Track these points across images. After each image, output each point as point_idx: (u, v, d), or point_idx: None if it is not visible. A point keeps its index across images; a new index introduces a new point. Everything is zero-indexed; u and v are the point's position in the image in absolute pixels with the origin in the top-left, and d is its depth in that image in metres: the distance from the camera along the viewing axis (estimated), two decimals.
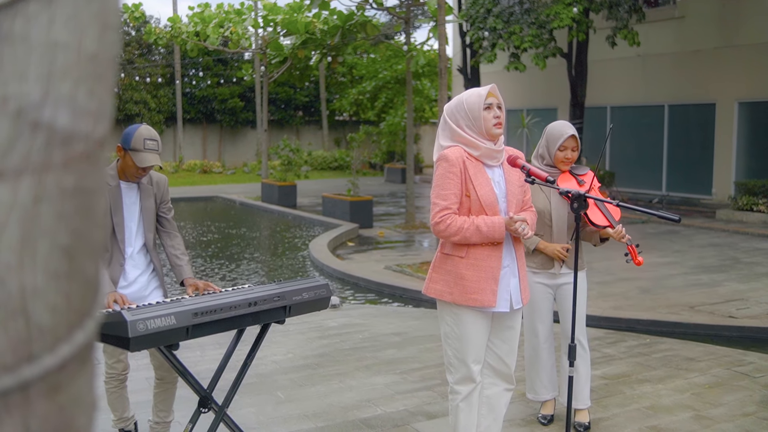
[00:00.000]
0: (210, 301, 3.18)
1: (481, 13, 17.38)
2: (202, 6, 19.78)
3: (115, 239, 3.67)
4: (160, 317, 2.97)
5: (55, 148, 0.67)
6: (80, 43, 0.68)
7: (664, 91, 17.82)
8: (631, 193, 17.83)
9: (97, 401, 0.81)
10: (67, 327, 0.70)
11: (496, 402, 3.56)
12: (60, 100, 0.67)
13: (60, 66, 0.67)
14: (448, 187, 3.27)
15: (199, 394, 3.45)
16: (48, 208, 0.67)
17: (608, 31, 16.53)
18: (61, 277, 0.69)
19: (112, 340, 2.95)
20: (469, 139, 3.31)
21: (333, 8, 17.09)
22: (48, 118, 0.67)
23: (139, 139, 3.54)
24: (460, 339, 3.36)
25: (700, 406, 4.55)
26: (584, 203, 3.14)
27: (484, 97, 3.33)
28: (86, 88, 0.69)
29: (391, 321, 6.76)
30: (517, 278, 3.38)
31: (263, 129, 21.15)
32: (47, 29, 0.66)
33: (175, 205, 17.64)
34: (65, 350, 0.70)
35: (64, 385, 0.71)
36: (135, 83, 30.37)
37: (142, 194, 3.74)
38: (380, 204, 17.89)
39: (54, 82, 0.67)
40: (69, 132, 0.68)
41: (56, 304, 0.69)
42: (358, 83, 30.52)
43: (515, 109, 22.22)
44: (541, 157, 4.21)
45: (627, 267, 9.59)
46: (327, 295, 3.68)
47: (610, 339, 6.15)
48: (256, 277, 9.93)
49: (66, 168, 0.68)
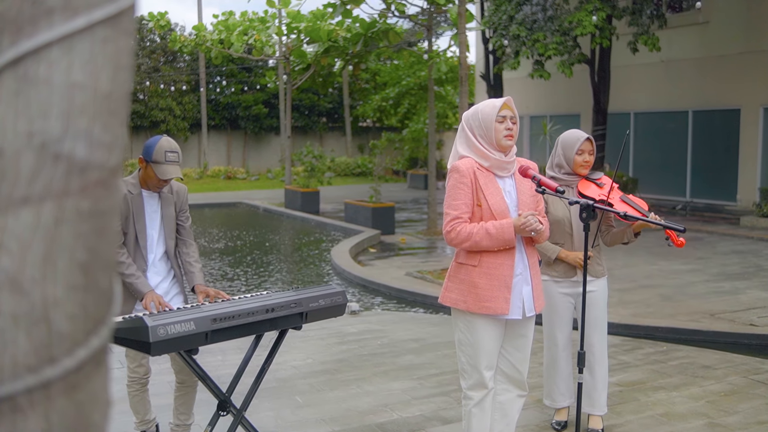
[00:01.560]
0: (228, 308, 3.28)
1: (504, 20, 17.41)
2: (226, 14, 20.03)
3: (137, 246, 3.78)
4: (180, 323, 3.07)
5: (73, 177, 0.77)
6: (96, 83, 0.78)
7: (688, 96, 17.73)
8: (654, 200, 17.75)
9: (112, 400, 0.90)
10: (84, 333, 0.79)
11: (509, 408, 3.62)
12: (78, 134, 0.77)
13: (78, 104, 0.77)
14: (458, 197, 3.35)
15: (218, 398, 3.55)
16: (67, 228, 0.77)
17: (630, 37, 16.49)
18: (79, 289, 0.78)
19: (134, 345, 3.06)
20: (480, 149, 3.39)
21: (356, 16, 17.23)
22: (67, 151, 0.76)
23: (160, 152, 3.64)
24: (473, 346, 3.43)
25: (715, 413, 4.57)
26: (593, 213, 3.20)
27: (498, 109, 3.39)
28: (101, 122, 0.79)
29: (410, 327, 6.84)
30: (530, 286, 3.44)
31: (287, 135, 21.34)
32: (67, 72, 0.76)
33: (200, 211, 17.76)
34: (82, 354, 0.79)
35: (82, 384, 0.80)
36: (160, 90, 30.77)
37: (163, 203, 3.85)
38: (402, 210, 17.97)
39: (73, 118, 0.77)
40: (86, 162, 0.77)
41: (74, 313, 0.78)
42: (382, 89, 30.66)
43: (538, 115, 22.21)
44: (558, 166, 4.24)
45: (649, 274, 9.59)
46: (343, 302, 3.77)
47: (627, 346, 6.17)
48: (278, 282, 10.05)
49: (83, 193, 0.78)
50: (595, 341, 4.24)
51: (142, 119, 30.05)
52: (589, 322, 4.22)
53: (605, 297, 4.27)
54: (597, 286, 4.22)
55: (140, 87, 30.30)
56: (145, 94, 30.53)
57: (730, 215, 15.66)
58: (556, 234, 4.21)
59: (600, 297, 4.23)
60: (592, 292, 4.20)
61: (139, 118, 30.03)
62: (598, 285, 4.23)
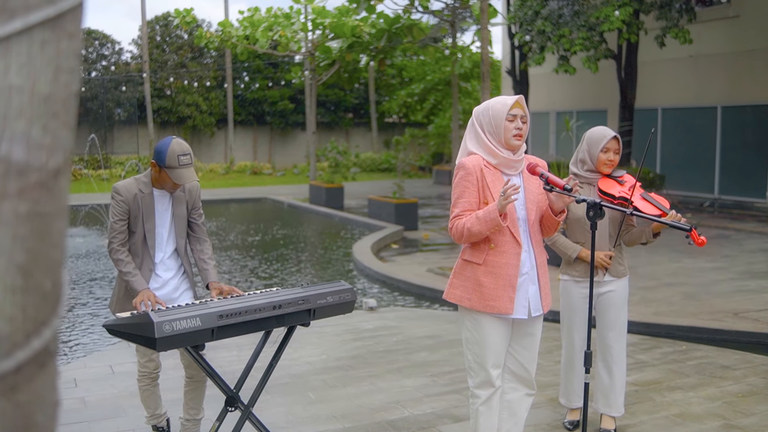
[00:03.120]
0: (235, 304, 3.29)
1: (529, 16, 17.27)
2: (251, 10, 20.12)
3: (145, 245, 3.80)
4: (185, 319, 3.09)
5: (10, 179, 0.77)
6: (34, 86, 0.78)
7: (717, 92, 17.46)
8: (681, 196, 17.52)
9: (59, 401, 0.90)
10: (23, 335, 0.79)
11: (517, 406, 3.60)
12: (15, 136, 0.77)
13: (15, 107, 0.77)
14: (462, 195, 3.34)
15: (226, 394, 3.57)
16: (4, 231, 0.77)
17: (658, 31, 16.27)
18: (17, 291, 0.78)
19: (140, 340, 3.09)
20: (489, 146, 3.36)
21: (380, 11, 17.22)
22: (4, 153, 0.76)
23: (173, 157, 3.64)
24: (479, 344, 3.41)
25: (731, 415, 4.50)
26: (600, 212, 3.16)
27: (509, 107, 3.36)
28: (40, 125, 0.79)
29: (426, 324, 6.83)
30: (536, 285, 3.41)
31: (311, 131, 21.40)
32: (3, 75, 0.76)
33: (225, 206, 17.85)
34: (21, 355, 0.79)
35: (21, 386, 0.80)
36: (187, 86, 31.01)
37: (174, 202, 3.87)
38: (427, 206, 17.93)
39: (9, 121, 0.77)
40: (24, 164, 0.77)
41: (13, 314, 0.78)
42: (408, 85, 30.63)
43: (564, 111, 22.03)
44: (581, 162, 4.19)
45: (672, 272, 9.47)
46: (352, 299, 3.77)
47: (645, 345, 6.10)
48: (299, 277, 10.09)
49: (21, 196, 0.78)
50: (613, 342, 4.18)
51: (169, 115, 30.32)
52: (608, 323, 4.17)
53: (625, 297, 4.20)
54: (617, 285, 4.16)
55: (167, 83, 30.57)
56: (172, 90, 30.79)
57: (759, 213, 15.41)
58: (576, 233, 4.15)
59: (619, 297, 4.17)
60: (612, 291, 4.15)
61: (166, 113, 30.30)
62: (618, 285, 4.17)
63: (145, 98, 28.51)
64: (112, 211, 3.74)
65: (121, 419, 4.47)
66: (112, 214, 3.73)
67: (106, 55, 30.70)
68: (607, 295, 4.16)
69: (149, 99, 28.41)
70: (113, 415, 4.54)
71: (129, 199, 3.72)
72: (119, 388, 5.05)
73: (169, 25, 31.24)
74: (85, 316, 7.69)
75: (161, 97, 30.44)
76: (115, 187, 3.75)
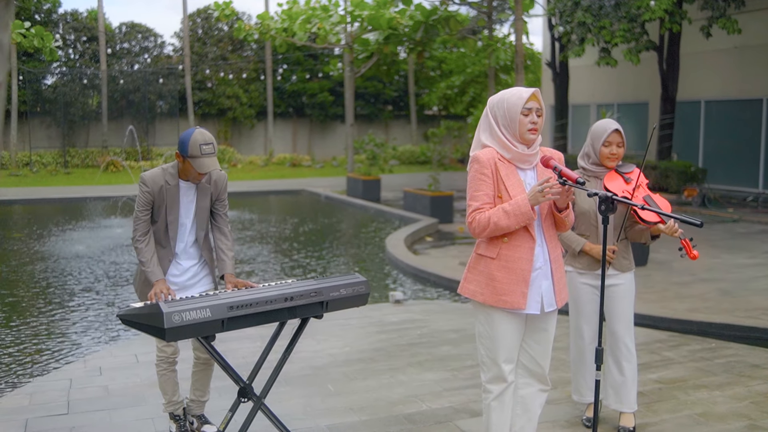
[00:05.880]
0: (245, 295, 3.31)
1: (569, 6, 17.03)
2: (290, 2, 20.21)
3: (167, 235, 3.86)
4: (195, 309, 3.12)
5: None
6: None
7: (763, 84, 17.02)
8: (724, 191, 17.15)
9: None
10: None
11: (531, 402, 3.55)
12: None
13: None
14: (479, 188, 3.29)
15: (239, 385, 3.60)
16: None
17: (702, 21, 15.91)
18: None
19: (149, 330, 3.12)
20: (503, 140, 3.31)
21: (417, 3, 17.15)
22: None
23: (195, 146, 3.69)
24: (491, 339, 3.38)
25: (757, 415, 4.39)
26: (612, 206, 3.10)
27: (525, 100, 3.29)
28: None
29: (452, 317, 6.79)
30: (550, 280, 3.36)
31: (349, 123, 21.43)
32: None
33: (264, 198, 18.02)
34: None
35: None
36: (227, 79, 31.29)
37: (199, 194, 3.92)
38: (462, 199, 17.82)
39: None
40: None
41: None
42: (448, 77, 30.49)
43: (605, 103, 21.70)
44: (587, 155, 4.18)
45: (710, 267, 9.27)
46: (365, 292, 3.76)
47: (673, 342, 5.98)
48: (331, 269, 10.12)
49: None
50: (622, 337, 4.13)
51: (209, 107, 30.62)
52: (616, 317, 4.13)
53: (632, 291, 4.16)
54: (623, 279, 4.13)
55: (208, 75, 30.88)
56: (212, 82, 31.09)
57: None
58: (581, 225, 4.14)
59: (626, 291, 4.13)
60: (618, 285, 4.11)
61: (207, 105, 30.61)
62: (623, 279, 4.13)
63: (186, 90, 28.85)
64: (137, 200, 3.81)
65: (141, 408, 4.54)
66: (138, 203, 3.80)
67: (149, 48, 31.13)
68: (612, 289, 4.13)
69: (190, 91, 28.75)
70: (134, 404, 4.61)
71: (155, 191, 3.78)
72: (142, 377, 5.12)
73: (209, 18, 31.53)
74: (122, 304, 7.82)
75: (202, 89, 30.77)
76: (143, 177, 3.81)
